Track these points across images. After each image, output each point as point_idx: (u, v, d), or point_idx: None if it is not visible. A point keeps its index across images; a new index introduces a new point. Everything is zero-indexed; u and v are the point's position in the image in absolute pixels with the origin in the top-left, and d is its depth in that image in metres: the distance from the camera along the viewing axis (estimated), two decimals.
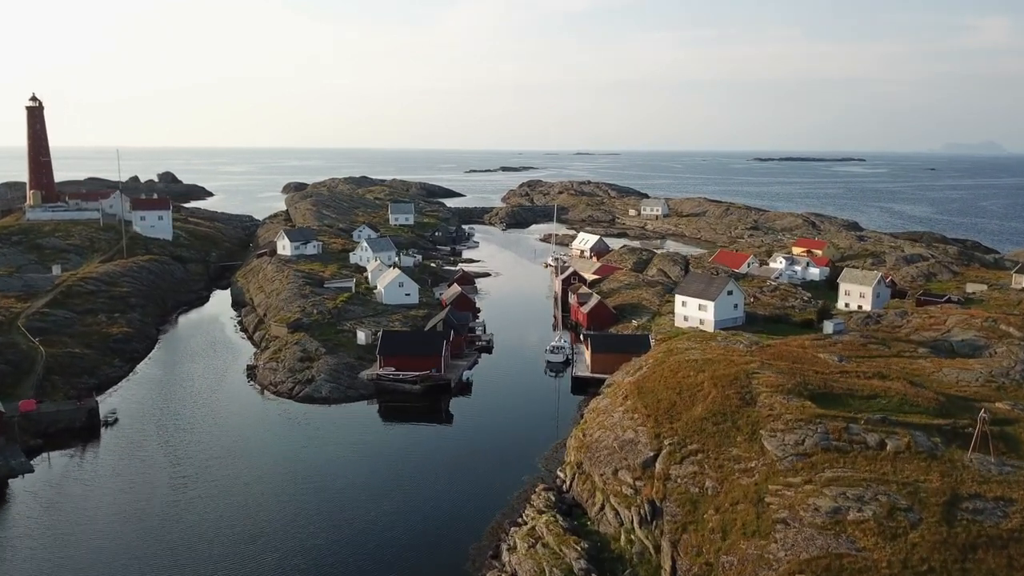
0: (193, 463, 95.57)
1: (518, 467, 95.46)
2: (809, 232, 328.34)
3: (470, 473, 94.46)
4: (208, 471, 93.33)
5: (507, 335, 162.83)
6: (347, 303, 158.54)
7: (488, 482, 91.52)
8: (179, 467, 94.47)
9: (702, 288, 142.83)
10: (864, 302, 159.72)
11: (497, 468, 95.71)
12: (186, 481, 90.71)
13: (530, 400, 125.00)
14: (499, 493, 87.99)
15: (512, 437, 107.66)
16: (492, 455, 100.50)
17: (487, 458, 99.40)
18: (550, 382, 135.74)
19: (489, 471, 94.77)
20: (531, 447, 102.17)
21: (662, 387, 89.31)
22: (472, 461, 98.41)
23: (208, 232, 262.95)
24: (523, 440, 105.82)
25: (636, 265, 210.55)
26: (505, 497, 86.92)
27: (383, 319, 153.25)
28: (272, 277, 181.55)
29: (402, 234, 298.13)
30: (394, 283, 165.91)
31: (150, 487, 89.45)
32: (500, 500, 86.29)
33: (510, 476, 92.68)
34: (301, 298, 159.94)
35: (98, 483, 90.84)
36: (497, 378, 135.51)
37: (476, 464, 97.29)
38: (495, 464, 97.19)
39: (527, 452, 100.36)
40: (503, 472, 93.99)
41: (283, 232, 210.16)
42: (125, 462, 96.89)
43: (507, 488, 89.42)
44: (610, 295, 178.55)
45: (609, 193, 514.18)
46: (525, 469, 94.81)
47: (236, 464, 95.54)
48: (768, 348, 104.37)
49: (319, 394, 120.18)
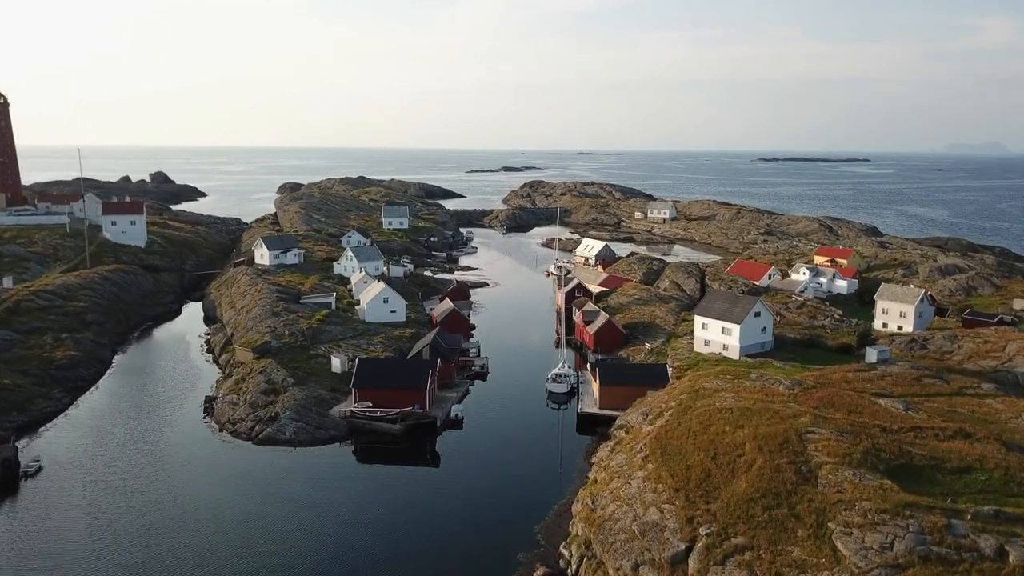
0: (119, 530, 78.28)
1: (513, 539, 78.11)
2: (826, 238, 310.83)
3: (456, 547, 77.17)
4: (137, 541, 76.06)
5: (504, 357, 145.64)
6: (324, 322, 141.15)
7: (476, 561, 74.27)
8: (100, 538, 77.14)
9: (725, 309, 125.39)
10: (905, 322, 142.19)
11: (488, 540, 78.51)
12: (104, 554, 73.53)
13: (529, 439, 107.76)
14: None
15: (507, 492, 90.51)
16: (483, 519, 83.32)
17: (477, 524, 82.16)
18: (552, 416, 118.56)
19: (479, 545, 77.49)
20: (529, 508, 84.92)
21: (691, 446, 71.94)
22: (460, 529, 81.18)
23: (187, 237, 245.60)
24: (520, 497, 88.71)
25: (646, 276, 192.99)
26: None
27: (364, 341, 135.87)
28: (244, 291, 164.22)
29: (395, 239, 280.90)
30: (378, 299, 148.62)
31: (60, 563, 72.23)
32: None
33: (503, 551, 75.41)
34: (272, 316, 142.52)
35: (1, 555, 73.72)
36: (492, 411, 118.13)
37: (464, 535, 80.00)
38: (486, 533, 79.96)
39: (524, 515, 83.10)
40: (495, 546, 76.72)
41: (261, 240, 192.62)
42: (39, 526, 79.76)
43: (499, 570, 72.21)
44: (619, 311, 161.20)
45: (613, 195, 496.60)
46: (521, 542, 77.42)
47: (172, 533, 78.20)
48: (815, 391, 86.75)
49: (282, 435, 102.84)
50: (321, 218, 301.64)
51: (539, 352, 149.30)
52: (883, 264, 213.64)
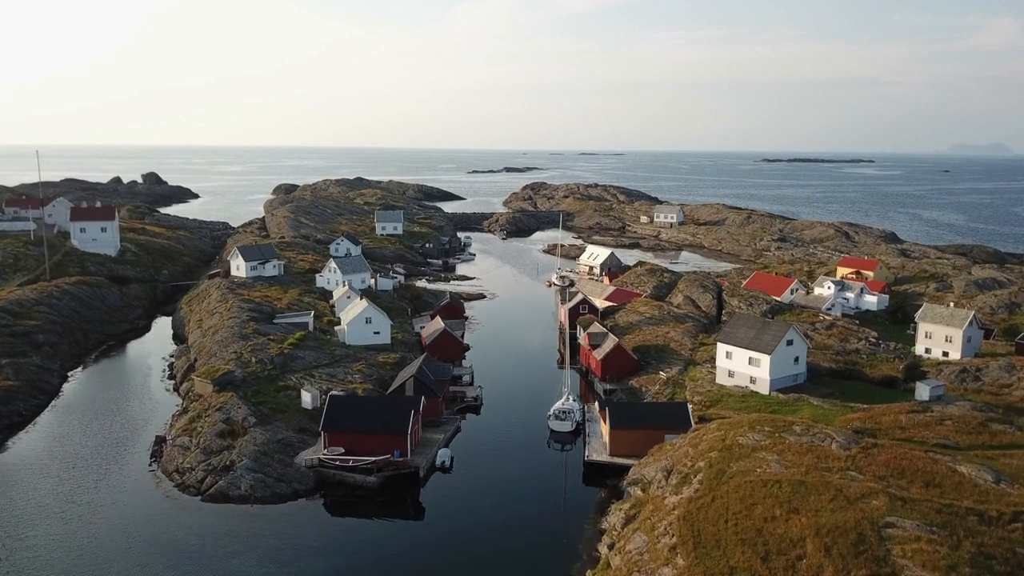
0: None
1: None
2: (842, 244, 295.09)
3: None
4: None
5: (501, 384, 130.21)
6: (298, 346, 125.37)
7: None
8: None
9: (753, 336, 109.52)
10: (952, 348, 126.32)
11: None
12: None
13: (527, 491, 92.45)
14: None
15: (501, 567, 75.02)
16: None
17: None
18: (555, 458, 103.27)
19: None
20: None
21: (731, 535, 56.28)
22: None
23: (164, 244, 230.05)
24: (516, 572, 73.37)
25: (657, 290, 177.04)
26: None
27: (341, 370, 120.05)
28: (214, 308, 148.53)
29: (388, 246, 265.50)
30: (360, 319, 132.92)
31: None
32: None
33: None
34: (240, 340, 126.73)
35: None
36: (484, 455, 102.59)
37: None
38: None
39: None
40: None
41: (237, 250, 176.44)
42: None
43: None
44: (628, 331, 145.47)
45: (618, 197, 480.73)
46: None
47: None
48: (877, 452, 70.82)
49: (236, 490, 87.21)
50: (311, 223, 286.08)
51: (540, 377, 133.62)
52: (912, 276, 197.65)
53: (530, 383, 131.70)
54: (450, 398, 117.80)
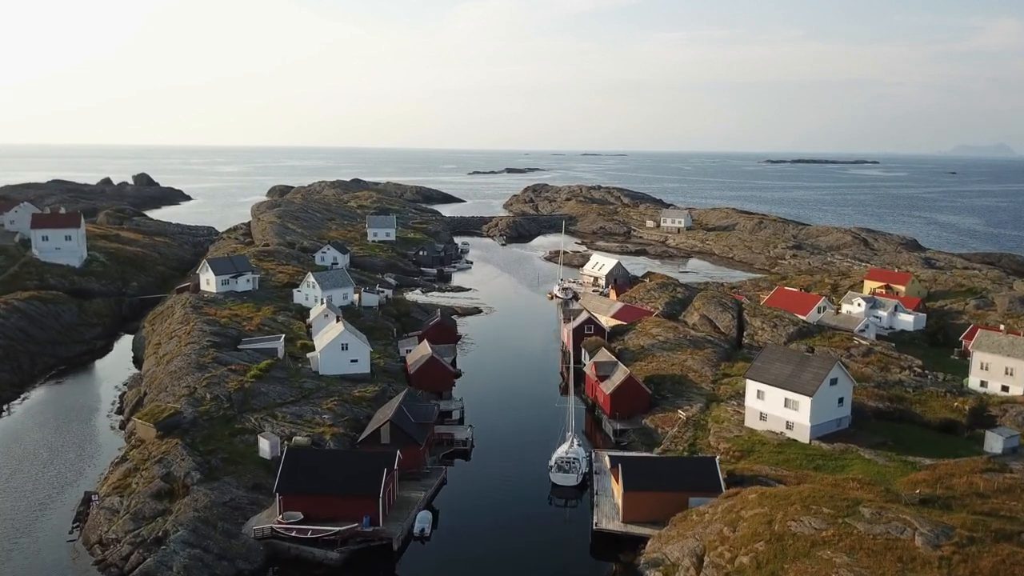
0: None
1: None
2: (862, 252, 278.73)
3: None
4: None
5: (496, 420, 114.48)
6: (261, 378, 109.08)
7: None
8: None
9: (790, 374, 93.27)
10: (1013, 383, 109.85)
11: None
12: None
13: (525, 560, 77.06)
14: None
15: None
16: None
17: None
18: (557, 518, 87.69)
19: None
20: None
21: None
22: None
23: (137, 253, 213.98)
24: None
25: (670, 307, 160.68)
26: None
27: (309, 408, 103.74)
28: (173, 330, 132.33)
29: (379, 254, 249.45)
30: (335, 345, 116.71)
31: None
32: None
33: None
34: (196, 371, 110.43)
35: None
36: (473, 515, 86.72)
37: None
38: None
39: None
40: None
41: (207, 263, 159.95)
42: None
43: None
44: (640, 357, 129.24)
45: (622, 200, 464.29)
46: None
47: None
48: (975, 552, 54.49)
49: (166, 571, 71.00)
50: (298, 229, 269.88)
51: (540, 412, 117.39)
52: (946, 291, 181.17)
53: (529, 419, 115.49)
54: (436, 441, 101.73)
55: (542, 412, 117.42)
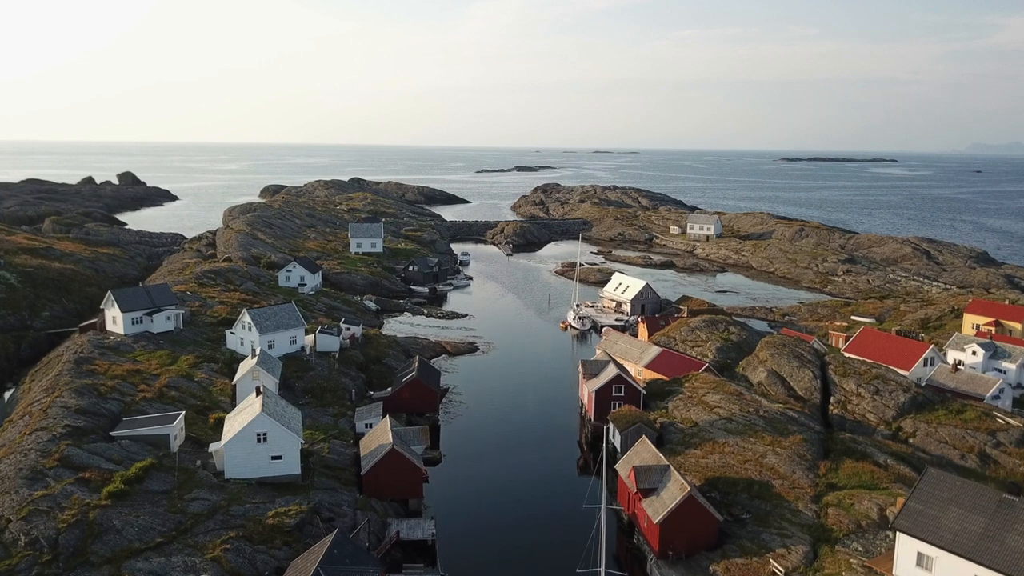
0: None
1: None
2: (926, 266, 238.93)
3: None
4: None
5: (483, 546, 76.61)
6: (122, 498, 70.67)
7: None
8: None
9: (981, 532, 54.36)
10: None
11: None
12: None
13: None
14: None
15: None
16: None
17: None
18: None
19: None
20: None
21: None
22: None
23: (65, 271, 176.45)
24: None
25: (722, 353, 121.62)
26: None
27: (185, 556, 65.07)
28: (34, 399, 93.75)
29: (361, 270, 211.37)
30: (247, 435, 78.16)
31: None
32: None
33: None
34: (26, 485, 71.89)
35: None
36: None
37: None
38: None
39: None
40: None
41: (112, 295, 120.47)
42: None
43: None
44: (693, 443, 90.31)
45: (640, 202, 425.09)
46: None
47: None
48: None
49: None
50: (268, 240, 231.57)
51: (552, 525, 79.46)
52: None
53: (534, 545, 77.28)
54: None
55: (555, 525, 79.55)
